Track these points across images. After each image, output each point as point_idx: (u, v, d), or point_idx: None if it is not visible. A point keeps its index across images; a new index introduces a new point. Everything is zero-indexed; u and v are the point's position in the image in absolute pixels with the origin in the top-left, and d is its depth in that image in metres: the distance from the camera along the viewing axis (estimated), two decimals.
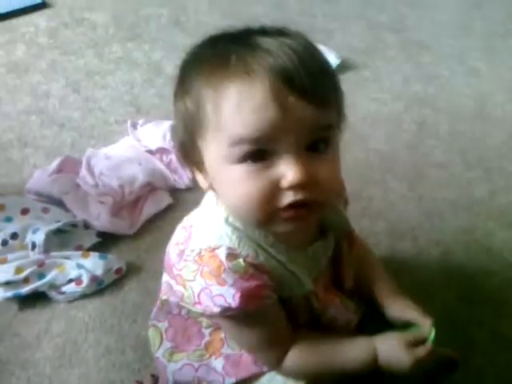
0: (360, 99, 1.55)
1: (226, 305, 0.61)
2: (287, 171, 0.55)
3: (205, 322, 0.76)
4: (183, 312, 0.77)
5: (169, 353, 0.78)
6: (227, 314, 0.63)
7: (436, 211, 1.24)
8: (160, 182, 1.20)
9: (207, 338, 0.76)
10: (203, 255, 0.63)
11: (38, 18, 1.74)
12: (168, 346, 0.79)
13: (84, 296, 1.00)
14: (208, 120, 0.57)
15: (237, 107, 0.54)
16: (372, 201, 1.26)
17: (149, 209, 1.15)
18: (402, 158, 1.39)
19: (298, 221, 0.60)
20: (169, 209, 1.17)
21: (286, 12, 1.92)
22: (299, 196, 0.56)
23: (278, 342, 0.70)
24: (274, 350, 0.70)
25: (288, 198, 0.57)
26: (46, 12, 1.78)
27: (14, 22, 1.71)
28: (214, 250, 0.62)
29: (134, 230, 1.11)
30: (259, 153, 0.56)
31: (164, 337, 0.79)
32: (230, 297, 0.61)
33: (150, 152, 1.26)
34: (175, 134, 0.67)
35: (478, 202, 1.28)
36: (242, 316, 0.64)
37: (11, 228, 1.03)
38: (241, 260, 0.62)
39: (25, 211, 1.06)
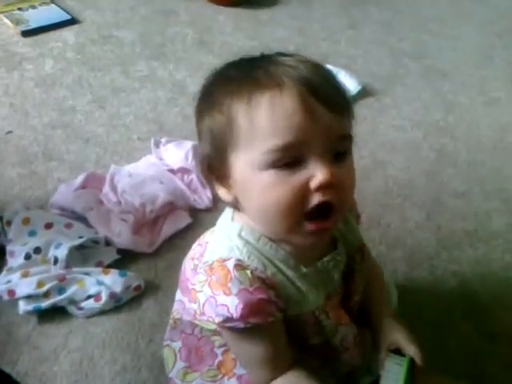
0: (380, 126, 1.56)
1: (228, 315, 0.62)
2: (316, 172, 0.60)
3: (217, 341, 0.76)
4: (196, 331, 0.77)
5: (182, 373, 0.79)
6: (228, 324, 0.64)
7: (453, 241, 1.25)
8: (180, 201, 1.22)
9: (220, 358, 0.77)
10: (213, 266, 0.65)
11: (67, 34, 1.78)
12: (181, 365, 0.79)
13: (102, 312, 1.01)
14: (240, 131, 0.61)
15: (270, 116, 0.59)
16: (390, 228, 1.26)
17: (168, 228, 1.17)
18: (421, 186, 1.39)
19: (320, 234, 0.64)
20: (188, 228, 1.19)
21: (309, 37, 1.94)
22: (327, 197, 0.60)
23: (273, 363, 0.69)
24: (266, 371, 0.70)
25: (316, 198, 0.60)
26: (74, 28, 1.82)
27: (44, 36, 1.75)
28: (224, 261, 0.65)
29: (153, 249, 1.13)
30: (289, 158, 0.60)
31: (178, 356, 0.80)
32: (232, 307, 0.62)
33: (172, 171, 1.28)
34: (199, 151, 0.71)
35: (496, 233, 1.28)
36: (242, 329, 0.64)
37: (35, 242, 1.05)
38: (248, 271, 0.64)
39: (48, 226, 1.08)
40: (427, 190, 1.38)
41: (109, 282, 1.01)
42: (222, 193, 0.67)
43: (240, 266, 0.64)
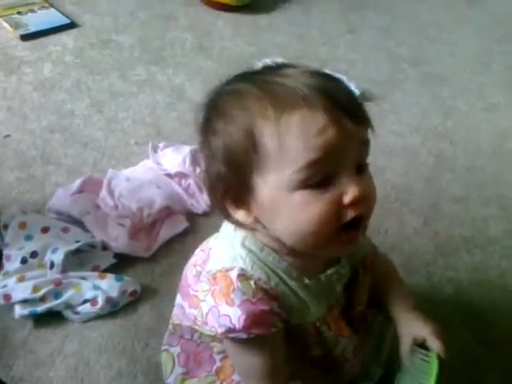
0: (378, 131, 1.51)
1: (231, 325, 0.63)
2: (348, 189, 0.59)
3: (216, 347, 0.76)
4: (195, 337, 0.78)
5: (180, 379, 0.79)
6: (230, 335, 0.64)
7: (450, 247, 1.25)
8: (177, 205, 1.22)
9: (218, 364, 0.77)
10: (217, 276, 0.65)
11: (66, 38, 1.78)
12: (179, 371, 0.80)
13: (98, 317, 1.01)
14: (268, 152, 0.59)
15: (301, 134, 0.58)
16: (387, 234, 1.26)
17: (165, 232, 1.17)
18: (419, 191, 1.39)
19: (353, 243, 0.64)
20: (185, 233, 1.18)
21: (307, 42, 1.95)
22: (359, 210, 0.60)
23: (271, 374, 0.69)
24: (264, 382, 0.70)
25: (349, 213, 0.60)
26: (73, 32, 1.82)
27: (43, 40, 1.75)
28: (227, 271, 0.65)
29: (150, 253, 1.13)
30: (321, 176, 0.59)
31: (176, 362, 0.80)
32: (235, 318, 0.62)
33: (169, 176, 1.28)
34: (207, 174, 0.66)
35: (493, 240, 1.28)
36: (244, 340, 0.64)
37: (31, 246, 1.04)
38: (252, 282, 0.64)
39: (45, 230, 1.08)
40: (425, 195, 1.38)
41: (105, 287, 1.01)
42: (241, 215, 0.64)
43: (243, 276, 0.64)
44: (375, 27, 2.10)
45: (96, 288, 1.01)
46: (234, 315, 0.62)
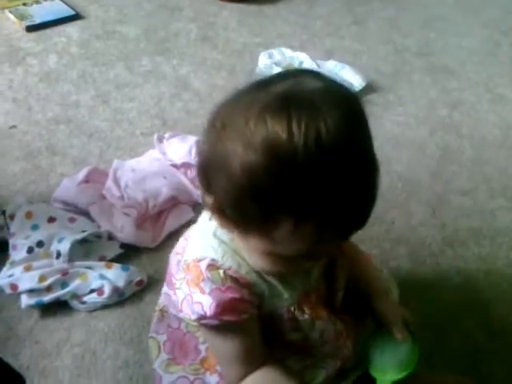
0: (384, 122, 1.55)
1: (202, 312, 0.65)
2: None
3: (201, 337, 0.77)
4: (182, 326, 0.78)
5: (165, 364, 0.80)
6: (203, 322, 0.66)
7: (458, 239, 1.24)
8: (183, 196, 1.21)
9: (203, 354, 0.77)
10: (190, 265, 0.67)
11: (71, 29, 1.78)
12: (165, 357, 0.80)
13: (105, 306, 1.01)
14: None
15: None
16: (394, 224, 1.25)
17: (171, 223, 1.16)
18: (426, 183, 1.38)
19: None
20: (191, 223, 1.16)
21: (313, 32, 1.93)
22: None
23: (246, 359, 0.70)
24: (237, 367, 0.70)
25: None
26: (78, 23, 1.81)
27: (48, 32, 1.75)
28: (199, 261, 0.66)
29: (156, 243, 1.12)
30: None
31: (162, 349, 0.81)
32: (207, 305, 0.64)
33: (175, 166, 1.27)
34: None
35: (501, 231, 1.27)
36: (216, 326, 0.66)
37: (37, 236, 1.04)
38: (221, 271, 0.65)
39: (51, 220, 1.08)
40: (432, 187, 1.37)
41: (111, 277, 1.01)
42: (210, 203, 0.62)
43: (213, 265, 0.65)
44: (381, 18, 2.08)
45: (102, 278, 1.01)
46: (205, 303, 0.64)
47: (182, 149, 1.28)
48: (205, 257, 0.66)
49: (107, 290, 0.99)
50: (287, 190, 0.53)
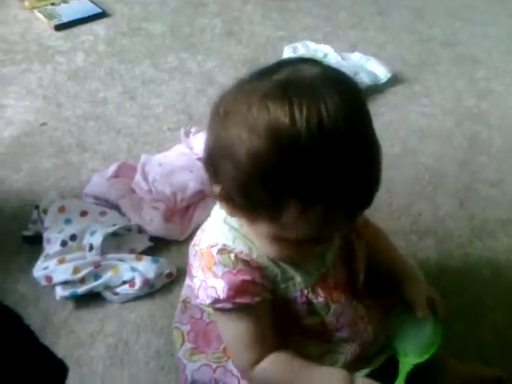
0: (410, 113, 1.53)
1: (216, 296, 0.66)
2: None
3: None
4: (204, 316, 0.80)
5: (189, 353, 0.82)
6: (216, 305, 0.68)
7: (487, 230, 1.22)
8: (210, 189, 1.23)
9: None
10: (203, 252, 0.69)
11: (97, 27, 1.81)
12: (189, 346, 0.82)
13: (136, 298, 1.03)
14: None
15: None
16: (421, 216, 1.25)
17: (199, 216, 1.18)
18: (453, 174, 1.37)
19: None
20: None
21: (336, 24, 1.92)
22: None
23: (257, 344, 0.71)
24: (250, 352, 0.71)
25: None
26: (104, 21, 1.84)
27: (75, 30, 1.78)
28: (212, 247, 0.68)
29: (184, 236, 1.14)
30: None
31: (186, 338, 0.83)
32: (220, 288, 0.66)
33: (202, 160, 1.29)
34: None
35: None
36: (229, 310, 0.68)
37: (70, 229, 1.07)
38: (232, 255, 0.67)
39: (84, 213, 1.11)
40: (460, 178, 1.36)
41: (142, 269, 1.03)
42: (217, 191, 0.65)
43: (224, 250, 0.68)
44: (406, 8, 2.06)
45: (133, 270, 1.03)
46: (218, 286, 0.66)
47: None
48: (216, 243, 0.69)
49: (138, 282, 1.02)
50: (292, 173, 0.55)
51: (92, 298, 1.03)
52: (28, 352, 0.61)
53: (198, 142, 1.32)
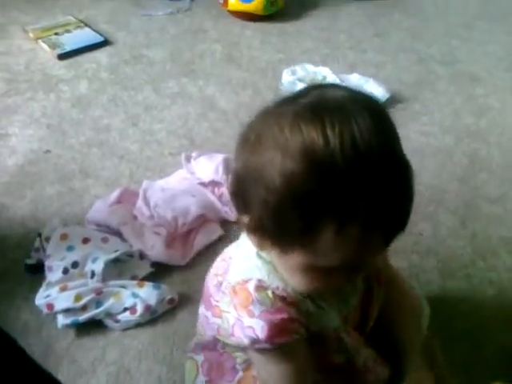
0: (410, 132, 1.54)
1: (255, 336, 0.63)
2: None
3: (239, 357, 0.77)
4: (219, 346, 0.78)
5: None
6: (256, 346, 0.65)
7: (489, 249, 1.22)
8: (212, 214, 1.24)
9: (240, 374, 0.77)
10: (236, 288, 0.66)
11: (100, 56, 1.84)
12: (202, 379, 0.81)
13: (138, 325, 1.04)
14: None
15: None
16: (422, 236, 1.24)
17: (201, 240, 1.19)
18: (454, 192, 1.37)
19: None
20: (220, 240, 1.20)
21: (335, 46, 1.95)
22: None
23: (298, 383, 0.69)
24: None
25: None
26: (107, 49, 1.88)
27: (78, 59, 1.82)
28: (245, 282, 0.66)
29: (186, 261, 1.15)
30: None
31: (200, 370, 0.82)
32: (258, 329, 0.63)
33: (203, 184, 1.30)
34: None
35: None
36: (269, 349, 0.65)
37: (73, 257, 1.08)
38: (269, 292, 0.64)
39: (86, 240, 1.11)
40: (461, 195, 1.36)
41: (143, 295, 1.03)
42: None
43: (261, 286, 0.65)
44: (403, 29, 2.09)
45: (135, 296, 1.03)
46: (256, 326, 0.63)
47: (209, 167, 1.31)
48: (250, 278, 0.66)
49: (140, 309, 1.02)
50: (328, 193, 0.54)
51: (93, 326, 1.03)
52: (20, 368, 0.61)
53: (200, 167, 1.33)
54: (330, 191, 0.54)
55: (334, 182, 0.53)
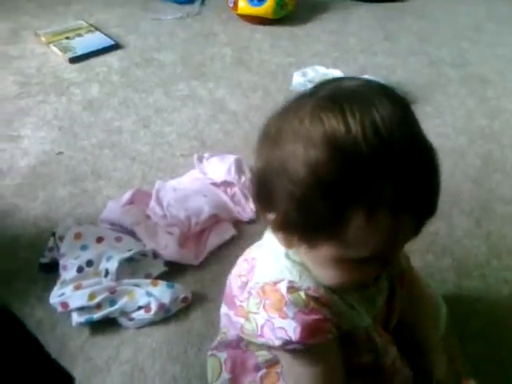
0: None
1: (287, 338, 0.62)
2: None
3: (261, 356, 0.77)
4: (242, 344, 0.78)
5: None
6: (287, 347, 0.64)
7: (505, 248, 1.21)
8: (224, 213, 1.23)
9: (263, 371, 0.77)
10: (265, 289, 0.65)
11: (111, 59, 1.86)
12: (226, 377, 0.80)
13: (152, 323, 1.03)
14: None
15: None
16: (437, 236, 1.24)
17: (213, 240, 1.18)
18: (468, 193, 1.36)
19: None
20: (232, 240, 1.20)
21: (345, 50, 1.95)
22: None
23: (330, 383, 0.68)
24: None
25: None
26: (118, 53, 1.89)
27: (90, 62, 1.83)
28: (275, 283, 0.65)
29: (199, 261, 1.14)
30: None
31: (223, 367, 0.81)
32: (291, 330, 0.62)
33: (215, 185, 1.30)
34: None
35: None
36: (301, 350, 0.64)
37: (87, 255, 1.08)
38: (302, 293, 0.63)
39: (100, 239, 1.11)
40: (475, 196, 1.35)
41: (157, 294, 1.03)
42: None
43: (293, 288, 0.64)
44: (413, 32, 2.09)
45: (149, 295, 1.03)
46: (289, 327, 0.62)
47: (221, 168, 1.31)
48: (281, 279, 0.65)
49: (154, 307, 1.02)
50: (353, 180, 0.53)
51: (108, 324, 1.03)
52: (32, 359, 0.61)
53: (212, 168, 1.34)
54: (356, 178, 0.53)
55: (359, 168, 0.53)
